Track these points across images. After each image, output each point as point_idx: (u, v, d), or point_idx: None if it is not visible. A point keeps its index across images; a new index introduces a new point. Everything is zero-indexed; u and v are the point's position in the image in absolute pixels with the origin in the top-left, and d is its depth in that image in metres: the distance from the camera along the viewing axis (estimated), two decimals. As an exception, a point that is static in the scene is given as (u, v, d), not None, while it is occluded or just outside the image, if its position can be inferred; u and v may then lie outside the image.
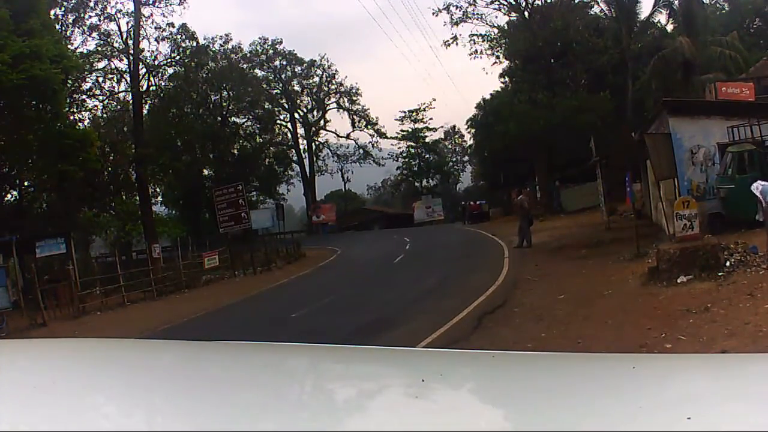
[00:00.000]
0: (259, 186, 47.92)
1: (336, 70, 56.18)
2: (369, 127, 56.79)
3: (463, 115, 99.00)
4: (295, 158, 55.30)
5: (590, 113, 34.42)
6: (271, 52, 51.73)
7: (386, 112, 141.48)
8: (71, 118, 26.58)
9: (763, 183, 10.22)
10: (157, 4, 31.68)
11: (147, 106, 34.77)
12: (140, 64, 31.90)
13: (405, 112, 58.63)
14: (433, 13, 54.71)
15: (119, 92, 33.62)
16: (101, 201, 28.45)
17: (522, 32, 39.67)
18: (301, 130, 57.26)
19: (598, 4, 39.45)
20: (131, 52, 31.06)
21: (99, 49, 30.96)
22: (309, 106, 57.35)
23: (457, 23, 41.28)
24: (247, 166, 44.59)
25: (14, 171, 24.10)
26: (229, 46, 44.59)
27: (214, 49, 41.68)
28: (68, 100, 25.61)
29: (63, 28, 28.37)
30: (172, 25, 33.25)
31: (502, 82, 45.09)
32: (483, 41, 42.12)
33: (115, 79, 32.94)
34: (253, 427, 1.07)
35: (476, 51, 42.51)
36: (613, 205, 24.32)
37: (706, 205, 14.26)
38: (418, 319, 10.87)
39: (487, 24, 41.73)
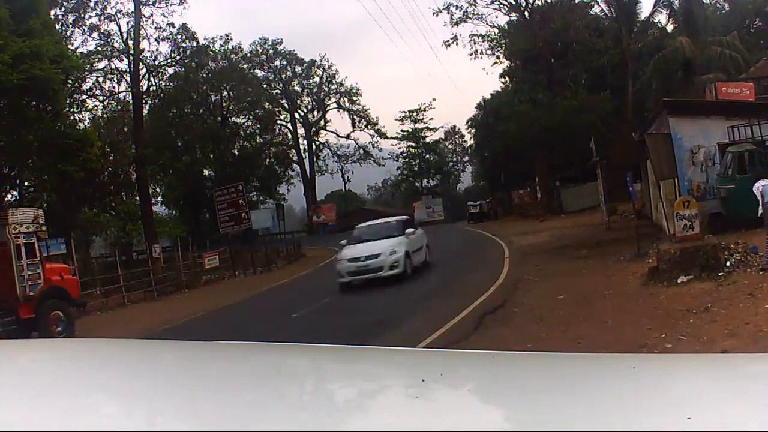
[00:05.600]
0: (260, 186, 47.99)
1: (336, 71, 56.36)
2: (369, 127, 56.92)
3: (464, 116, 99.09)
4: (295, 158, 55.36)
5: (590, 113, 34.46)
6: (271, 52, 51.81)
7: (386, 112, 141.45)
8: (71, 118, 26.64)
9: (764, 183, 10.21)
10: (157, 4, 31.78)
11: (147, 107, 34.85)
12: (140, 64, 31.95)
13: (405, 112, 58.79)
14: (434, 14, 54.75)
15: (119, 92, 33.73)
16: (101, 201, 28.42)
17: (522, 32, 39.72)
18: (301, 130, 57.39)
19: (598, 4, 39.55)
20: (131, 52, 31.09)
21: (99, 49, 31.04)
22: (309, 106, 57.49)
23: (457, 23, 41.38)
24: (247, 166, 44.66)
25: (14, 171, 24.10)
26: (230, 47, 44.71)
27: (214, 49, 41.78)
28: (68, 101, 25.63)
29: (63, 29, 28.39)
30: (172, 25, 33.37)
31: (502, 83, 45.22)
32: (483, 41, 42.23)
33: (115, 79, 33.05)
34: (253, 427, 1.07)
35: (476, 51, 42.60)
36: (613, 205, 24.33)
37: (707, 205, 14.25)
38: (418, 320, 10.87)
39: (487, 24, 41.82)
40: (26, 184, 26.23)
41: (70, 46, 27.18)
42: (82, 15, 30.01)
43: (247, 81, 45.09)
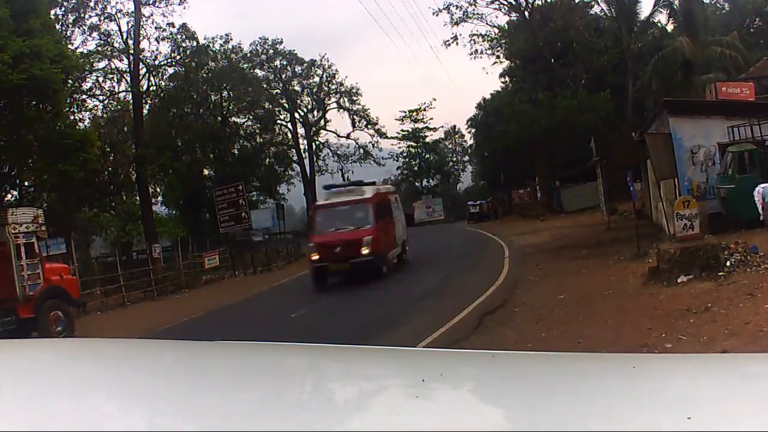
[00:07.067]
0: (260, 186, 47.88)
1: (336, 70, 56.13)
2: (369, 126, 56.75)
3: (464, 115, 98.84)
4: (295, 158, 55.23)
5: (590, 113, 34.45)
6: (271, 51, 51.69)
7: (386, 112, 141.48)
8: (71, 118, 26.56)
9: (764, 186, 10.23)
10: (157, 4, 31.67)
11: (147, 106, 34.75)
12: (140, 64, 31.88)
13: (405, 111, 58.66)
14: (434, 13, 54.77)
15: (119, 92, 33.58)
16: (101, 201, 28.43)
17: (522, 32, 39.74)
18: (301, 130, 57.23)
19: (598, 4, 39.56)
20: (131, 52, 31.05)
21: (99, 49, 30.92)
22: (309, 106, 57.31)
23: (457, 23, 41.38)
24: (247, 166, 44.58)
25: (14, 171, 24.09)
26: (230, 46, 44.57)
27: (214, 49, 41.63)
28: (68, 100, 25.56)
29: (63, 28, 28.32)
30: (172, 24, 33.22)
31: (502, 82, 45.20)
32: (483, 41, 42.21)
33: (115, 79, 32.89)
34: (253, 427, 1.07)
35: (476, 51, 42.61)
36: (613, 205, 24.33)
37: (707, 204, 14.26)
38: (418, 319, 10.88)
39: (487, 24, 41.81)
40: (26, 184, 26.20)
41: (70, 46, 27.10)
42: (82, 15, 29.93)
43: (247, 81, 44.97)
